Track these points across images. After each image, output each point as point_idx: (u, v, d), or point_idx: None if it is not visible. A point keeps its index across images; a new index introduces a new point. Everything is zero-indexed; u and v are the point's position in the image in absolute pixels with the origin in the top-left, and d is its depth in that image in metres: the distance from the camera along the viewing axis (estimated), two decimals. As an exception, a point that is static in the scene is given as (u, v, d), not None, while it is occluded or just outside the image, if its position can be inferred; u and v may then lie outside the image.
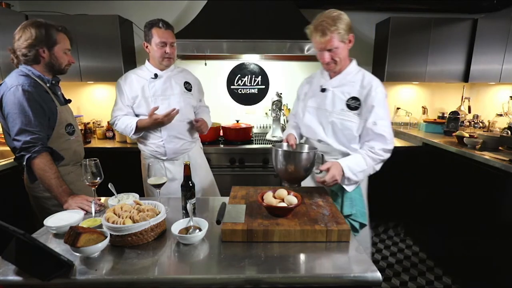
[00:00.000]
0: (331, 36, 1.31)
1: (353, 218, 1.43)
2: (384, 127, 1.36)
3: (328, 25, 1.31)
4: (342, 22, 1.32)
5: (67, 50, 1.47)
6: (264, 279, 0.87)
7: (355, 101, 1.41)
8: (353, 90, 1.42)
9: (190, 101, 1.87)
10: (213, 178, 2.08)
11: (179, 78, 1.85)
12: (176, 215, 1.25)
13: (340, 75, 1.45)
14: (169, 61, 1.75)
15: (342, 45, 1.35)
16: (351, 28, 1.36)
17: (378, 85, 1.39)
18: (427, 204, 2.56)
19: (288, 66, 3.17)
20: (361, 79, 1.42)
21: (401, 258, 2.51)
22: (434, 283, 2.19)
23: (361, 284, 0.88)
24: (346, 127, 1.42)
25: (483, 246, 1.94)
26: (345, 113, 1.42)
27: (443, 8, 2.89)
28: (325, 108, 1.47)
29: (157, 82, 1.78)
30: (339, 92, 1.44)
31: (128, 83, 1.79)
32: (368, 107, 1.37)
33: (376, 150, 1.37)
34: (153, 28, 1.67)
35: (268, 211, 1.15)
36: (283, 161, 1.37)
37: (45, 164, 1.32)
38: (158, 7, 2.98)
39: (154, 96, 1.77)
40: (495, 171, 1.86)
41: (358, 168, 1.36)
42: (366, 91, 1.38)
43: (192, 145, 1.93)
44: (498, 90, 2.90)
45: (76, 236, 0.89)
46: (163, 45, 1.69)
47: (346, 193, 1.43)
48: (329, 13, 1.35)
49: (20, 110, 1.31)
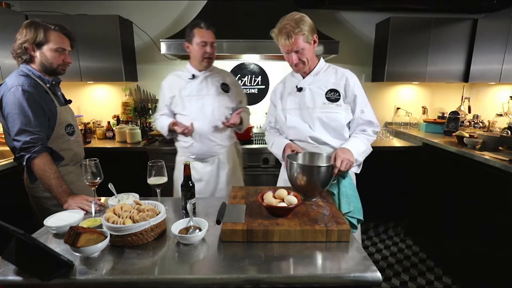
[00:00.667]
0: (295, 38, 1.36)
1: (351, 215, 1.44)
2: (370, 112, 1.48)
3: (292, 28, 1.35)
4: (305, 24, 1.36)
5: (60, 49, 1.42)
6: (264, 279, 0.87)
7: (333, 93, 1.46)
8: (328, 83, 1.48)
9: (226, 102, 1.86)
10: (242, 185, 2.03)
11: (216, 79, 1.86)
12: (176, 215, 1.25)
13: (312, 73, 1.51)
14: (209, 61, 1.78)
15: (307, 46, 1.40)
16: (314, 29, 1.41)
17: (352, 75, 1.48)
18: (427, 204, 2.56)
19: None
20: (334, 72, 1.50)
21: (401, 258, 2.51)
22: (434, 283, 2.19)
23: (361, 284, 0.88)
24: (333, 119, 1.46)
25: (483, 246, 1.94)
26: (327, 106, 1.46)
27: (443, 8, 2.89)
28: (307, 106, 1.50)
29: (194, 82, 1.81)
30: (316, 88, 1.49)
31: (168, 84, 1.87)
32: (350, 97, 1.45)
33: (368, 132, 1.48)
34: (195, 29, 1.70)
35: (268, 211, 1.15)
36: (299, 174, 1.28)
37: (45, 164, 1.31)
38: (158, 7, 2.98)
39: (189, 96, 1.80)
40: (495, 171, 1.86)
41: (361, 149, 1.42)
42: (343, 83, 1.46)
43: (222, 149, 1.91)
44: (498, 90, 2.90)
45: (76, 236, 0.89)
46: (204, 44, 1.71)
47: (341, 190, 1.44)
48: (292, 16, 1.38)
49: (20, 110, 1.31)
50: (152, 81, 3.16)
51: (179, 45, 2.44)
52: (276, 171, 2.62)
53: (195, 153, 1.86)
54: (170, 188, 1.97)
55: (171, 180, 1.97)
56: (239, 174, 2.05)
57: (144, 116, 3.06)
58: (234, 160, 2.00)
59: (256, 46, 2.44)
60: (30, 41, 1.36)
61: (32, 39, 1.35)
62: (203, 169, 1.90)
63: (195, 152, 1.86)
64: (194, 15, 2.63)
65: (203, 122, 1.79)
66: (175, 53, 2.49)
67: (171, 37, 2.47)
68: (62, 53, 1.43)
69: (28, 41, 1.36)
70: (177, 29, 2.66)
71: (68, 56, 1.47)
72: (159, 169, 1.25)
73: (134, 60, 3.08)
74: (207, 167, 1.90)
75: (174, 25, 3.01)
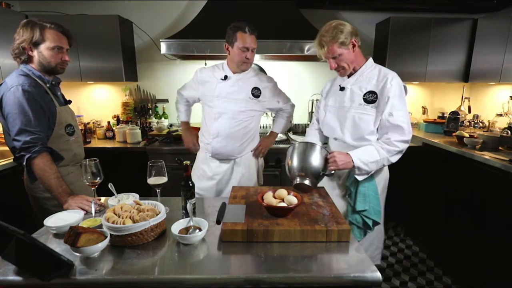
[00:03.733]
0: (329, 46, 1.40)
1: (366, 215, 1.46)
2: (401, 117, 1.39)
3: (325, 38, 1.40)
4: (340, 31, 1.38)
5: (57, 47, 1.40)
6: (264, 279, 0.87)
7: (371, 94, 1.45)
8: (369, 85, 1.46)
9: (254, 107, 1.84)
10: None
11: (249, 82, 1.83)
12: (176, 215, 1.25)
13: (356, 73, 1.51)
14: (247, 66, 1.78)
15: (345, 51, 1.41)
16: (352, 33, 1.41)
17: (393, 77, 1.41)
18: (427, 204, 2.56)
19: (288, 66, 3.17)
20: (377, 74, 1.46)
21: (401, 258, 2.51)
22: (434, 283, 2.19)
23: (361, 284, 0.88)
24: (364, 120, 1.45)
25: (483, 246, 1.94)
26: (363, 107, 1.46)
27: (443, 8, 2.89)
28: (344, 105, 1.53)
29: (225, 83, 1.80)
30: (356, 88, 1.49)
31: (203, 76, 1.88)
32: (384, 98, 1.40)
33: (392, 141, 1.39)
34: (238, 32, 1.67)
35: (268, 211, 1.15)
36: (298, 153, 1.41)
37: (45, 164, 1.31)
38: (158, 7, 2.98)
39: (218, 97, 1.80)
40: (495, 171, 1.86)
41: (370, 159, 1.39)
42: (382, 84, 1.42)
43: (241, 153, 1.91)
44: (498, 90, 2.90)
45: (76, 236, 0.89)
46: (245, 50, 1.69)
47: (360, 189, 1.46)
48: (328, 25, 1.42)
49: (20, 110, 1.31)
50: (152, 81, 3.16)
51: (179, 45, 2.44)
52: (276, 171, 2.62)
53: (212, 151, 1.87)
54: (171, 188, 1.97)
55: (172, 179, 1.98)
56: (254, 182, 1.99)
57: (144, 116, 3.06)
58: (251, 167, 1.97)
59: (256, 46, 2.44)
60: (27, 41, 1.35)
61: (29, 39, 1.35)
62: (217, 168, 1.90)
63: (211, 150, 1.86)
64: (194, 15, 2.63)
65: (225, 122, 1.80)
66: (175, 53, 2.49)
67: (171, 37, 2.47)
68: (59, 51, 1.42)
69: (25, 41, 1.35)
70: (177, 29, 2.66)
71: (66, 55, 1.46)
72: (159, 169, 1.25)
73: (134, 60, 3.08)
74: (221, 167, 1.90)
75: (174, 25, 3.01)
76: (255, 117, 1.90)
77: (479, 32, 2.71)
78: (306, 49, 2.46)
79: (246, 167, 1.94)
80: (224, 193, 1.93)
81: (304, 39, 2.44)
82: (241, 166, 1.92)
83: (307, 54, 2.48)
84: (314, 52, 2.49)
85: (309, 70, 3.18)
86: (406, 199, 2.77)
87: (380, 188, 1.57)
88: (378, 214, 1.48)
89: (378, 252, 1.67)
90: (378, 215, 1.48)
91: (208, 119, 1.87)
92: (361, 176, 1.44)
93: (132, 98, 3.11)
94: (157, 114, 3.15)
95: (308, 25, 2.60)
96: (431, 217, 2.51)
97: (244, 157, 1.93)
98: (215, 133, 1.82)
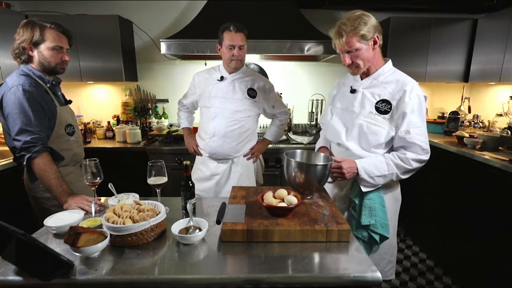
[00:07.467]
0: (348, 37, 1.22)
1: (372, 229, 1.33)
2: (418, 135, 1.25)
3: (345, 26, 1.23)
4: (363, 23, 1.22)
5: (57, 47, 1.40)
6: (264, 279, 0.87)
7: (385, 104, 1.29)
8: (384, 92, 1.30)
9: (250, 107, 1.87)
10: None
11: (245, 83, 1.87)
12: (176, 215, 1.25)
13: (371, 76, 1.35)
14: (237, 63, 1.79)
15: (364, 46, 1.24)
16: (376, 28, 1.25)
17: (413, 89, 1.25)
18: (427, 204, 2.56)
19: (288, 66, 3.17)
20: (395, 82, 1.30)
21: (401, 258, 2.50)
22: (434, 283, 2.19)
23: (361, 284, 0.88)
24: (373, 131, 1.31)
25: (483, 246, 1.94)
26: (374, 116, 1.30)
27: (443, 8, 2.89)
28: (353, 109, 1.36)
29: (221, 84, 1.85)
30: (369, 94, 1.33)
31: (200, 79, 1.94)
32: (400, 113, 1.25)
33: (407, 157, 1.27)
34: (225, 31, 1.73)
35: (268, 211, 1.15)
36: (296, 172, 1.27)
37: (45, 164, 1.31)
38: (158, 7, 2.98)
39: (215, 97, 1.84)
40: (495, 171, 1.86)
41: (376, 172, 1.27)
42: (399, 96, 1.26)
43: (238, 153, 1.92)
44: (498, 90, 2.90)
45: (76, 236, 0.89)
46: (231, 47, 1.73)
47: (365, 202, 1.34)
48: (350, 14, 1.26)
49: (20, 110, 1.31)
50: (152, 81, 3.16)
51: (179, 45, 2.44)
52: (276, 171, 2.62)
53: (208, 151, 1.89)
54: (170, 188, 1.98)
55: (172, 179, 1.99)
56: (252, 182, 2.00)
57: (144, 116, 3.06)
58: (249, 167, 1.98)
59: (256, 46, 2.44)
60: (27, 41, 1.36)
61: (29, 39, 1.35)
62: (215, 168, 1.92)
63: (208, 150, 1.89)
64: (194, 15, 2.62)
65: (221, 121, 1.83)
66: (175, 53, 2.49)
67: (171, 37, 2.47)
68: (59, 51, 1.42)
69: (25, 41, 1.36)
70: (177, 29, 2.66)
71: (66, 54, 1.46)
72: (159, 169, 1.25)
73: (134, 60, 3.08)
74: (220, 167, 1.92)
75: (174, 25, 3.01)
76: (252, 117, 1.91)
77: (479, 32, 2.71)
78: (306, 49, 2.46)
79: (244, 167, 1.95)
80: (223, 193, 1.94)
81: (304, 39, 2.44)
82: (239, 166, 1.93)
83: (307, 54, 2.48)
84: (314, 52, 2.53)
85: (309, 70, 3.18)
86: (406, 200, 2.77)
87: (392, 200, 1.43)
88: (386, 228, 1.34)
89: (390, 266, 1.52)
90: (385, 229, 1.34)
91: (205, 119, 1.90)
92: (366, 188, 1.32)
93: (132, 98, 3.12)
94: (157, 114, 3.15)
95: (308, 25, 2.60)
96: (431, 217, 2.51)
97: (241, 157, 1.95)
98: (212, 133, 1.85)
